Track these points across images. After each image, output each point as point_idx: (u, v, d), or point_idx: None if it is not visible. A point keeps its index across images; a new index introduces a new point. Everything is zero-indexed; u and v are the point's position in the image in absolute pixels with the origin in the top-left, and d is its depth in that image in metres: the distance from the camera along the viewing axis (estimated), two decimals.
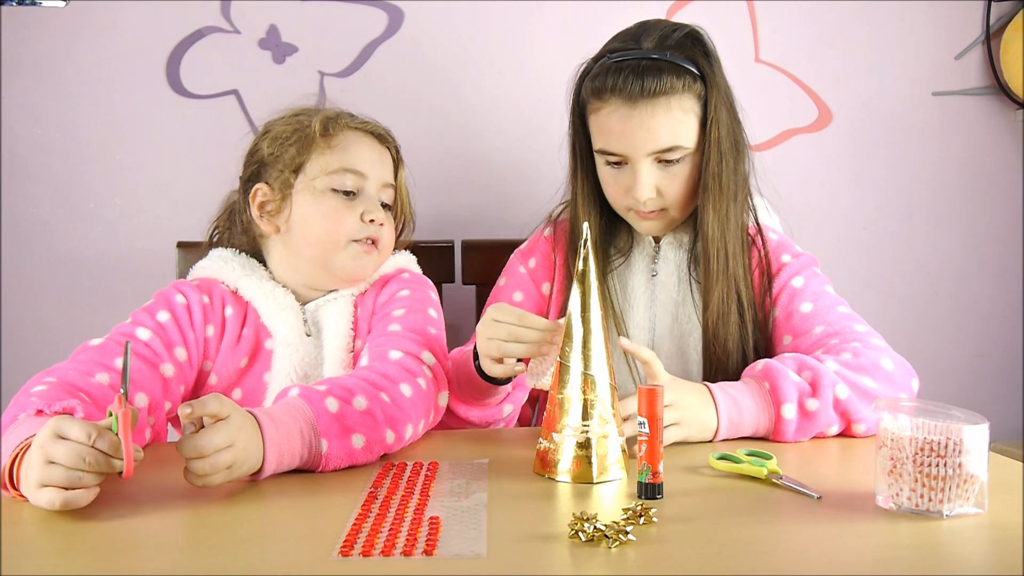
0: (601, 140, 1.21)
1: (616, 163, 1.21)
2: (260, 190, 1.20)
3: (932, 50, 1.76)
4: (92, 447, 0.79)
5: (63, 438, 0.79)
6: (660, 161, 1.19)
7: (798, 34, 1.73)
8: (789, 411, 1.05)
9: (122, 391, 0.82)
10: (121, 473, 0.80)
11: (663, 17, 1.68)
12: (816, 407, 1.05)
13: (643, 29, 1.21)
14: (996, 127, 1.79)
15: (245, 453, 0.86)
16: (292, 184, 1.18)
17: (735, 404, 1.05)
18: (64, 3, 1.56)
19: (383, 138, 1.24)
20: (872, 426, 1.07)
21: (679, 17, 1.69)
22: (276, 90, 1.60)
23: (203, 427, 0.85)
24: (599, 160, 1.24)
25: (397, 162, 1.26)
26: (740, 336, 1.20)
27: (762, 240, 1.26)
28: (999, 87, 1.76)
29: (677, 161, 1.19)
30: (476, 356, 1.11)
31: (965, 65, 1.77)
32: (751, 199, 1.28)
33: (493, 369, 1.05)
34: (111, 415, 0.82)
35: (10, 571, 0.70)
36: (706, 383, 1.07)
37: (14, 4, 1.54)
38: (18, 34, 1.56)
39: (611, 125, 1.18)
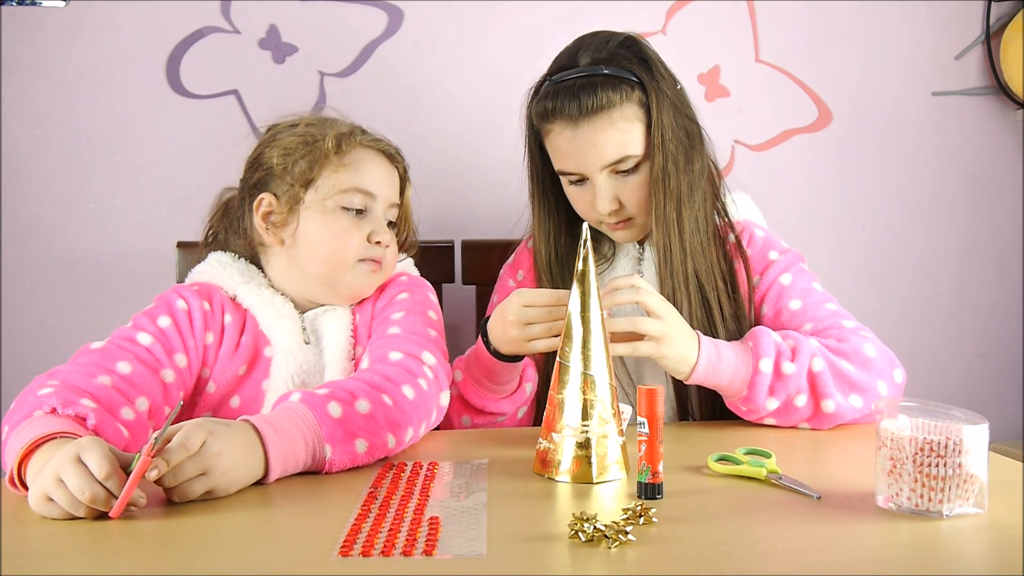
0: (557, 162, 1.23)
1: (578, 181, 1.22)
2: (265, 200, 1.19)
3: (932, 50, 1.76)
4: (101, 483, 0.79)
5: (81, 463, 0.80)
6: (616, 173, 1.20)
7: (798, 34, 1.73)
8: (766, 365, 1.08)
9: (154, 439, 0.81)
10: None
11: (663, 17, 1.69)
12: (791, 371, 1.08)
13: (579, 46, 1.21)
14: (996, 127, 1.79)
15: (227, 478, 0.86)
16: (301, 199, 1.17)
17: (716, 350, 1.09)
18: (64, 3, 1.56)
19: (393, 157, 1.24)
20: (843, 408, 1.09)
21: (679, 17, 1.69)
22: (276, 90, 1.61)
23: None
24: (563, 180, 1.25)
25: (404, 181, 1.26)
26: (709, 333, 1.19)
27: (734, 234, 1.26)
28: (999, 87, 1.76)
29: (632, 170, 1.20)
30: (484, 335, 1.14)
31: (965, 65, 1.77)
32: (723, 196, 1.28)
33: (532, 345, 1.09)
34: (139, 454, 0.81)
35: (10, 571, 0.70)
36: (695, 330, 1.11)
37: (14, 4, 1.54)
38: (18, 34, 1.56)
39: (560, 146, 1.20)
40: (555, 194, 1.28)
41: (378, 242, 1.18)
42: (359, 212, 1.18)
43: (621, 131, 1.17)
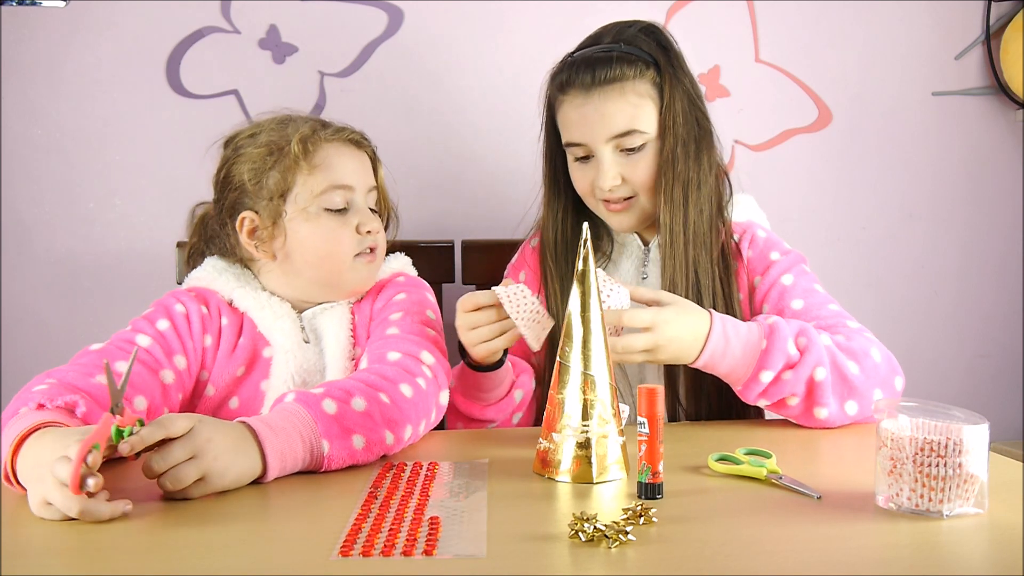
0: (565, 133, 1.25)
1: (583, 157, 1.24)
2: (248, 218, 1.18)
3: (932, 50, 1.76)
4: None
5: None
6: (622, 150, 1.21)
7: (798, 34, 1.73)
8: (766, 377, 1.08)
9: (114, 404, 0.81)
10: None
11: (663, 17, 1.69)
12: (789, 378, 1.08)
13: (603, 31, 1.26)
14: (996, 127, 1.79)
15: (220, 463, 0.86)
16: (282, 211, 1.16)
17: (725, 345, 1.08)
18: (64, 3, 1.56)
19: (360, 143, 1.23)
20: (834, 416, 1.09)
21: (679, 17, 1.69)
22: (276, 90, 1.61)
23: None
24: (569, 157, 1.27)
25: (375, 162, 1.26)
26: None
27: (735, 240, 1.26)
28: (999, 87, 1.76)
29: (638, 148, 1.21)
30: (463, 352, 1.15)
31: (965, 65, 1.77)
32: (728, 195, 1.28)
33: (478, 351, 1.10)
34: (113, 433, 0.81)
35: (10, 571, 0.70)
36: (712, 311, 1.09)
37: (14, 4, 1.54)
38: (18, 34, 1.56)
39: (571, 116, 1.22)
40: (565, 175, 1.30)
41: (368, 231, 1.19)
42: (343, 210, 1.18)
43: (632, 104, 1.19)
